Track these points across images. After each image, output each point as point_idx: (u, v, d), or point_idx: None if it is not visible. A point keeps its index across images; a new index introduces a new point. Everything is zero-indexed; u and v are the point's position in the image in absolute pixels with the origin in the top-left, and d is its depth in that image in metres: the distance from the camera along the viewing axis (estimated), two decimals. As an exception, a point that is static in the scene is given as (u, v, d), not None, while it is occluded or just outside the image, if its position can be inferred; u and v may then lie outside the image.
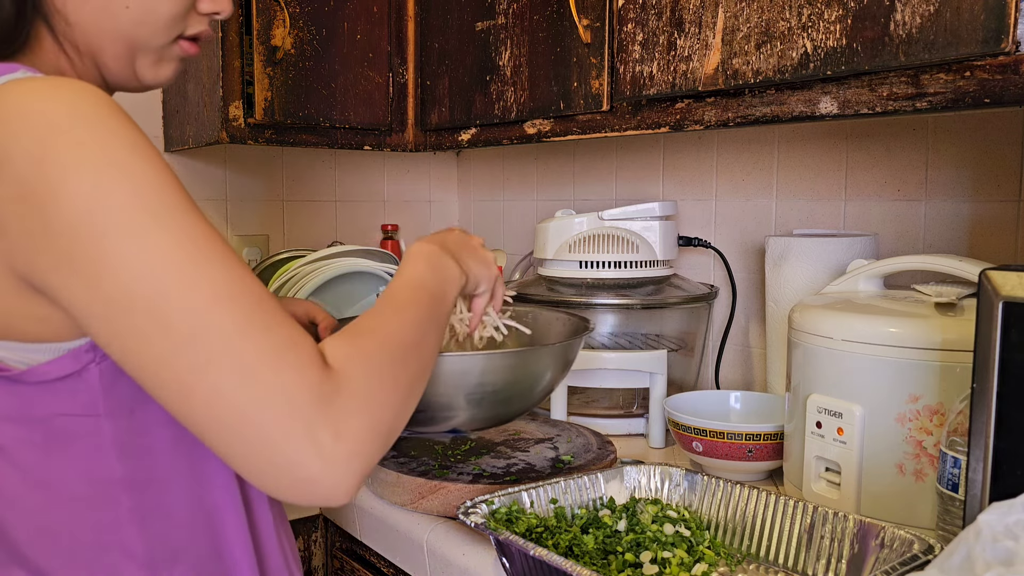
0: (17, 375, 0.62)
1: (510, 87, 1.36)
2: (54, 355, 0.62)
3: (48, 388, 0.63)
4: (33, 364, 0.62)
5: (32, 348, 0.61)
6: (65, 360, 0.62)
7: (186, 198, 0.57)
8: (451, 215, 2.16)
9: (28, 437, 0.64)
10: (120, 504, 0.66)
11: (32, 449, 0.64)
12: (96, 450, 0.65)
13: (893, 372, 0.88)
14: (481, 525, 0.80)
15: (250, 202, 1.86)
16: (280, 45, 1.45)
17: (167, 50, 0.73)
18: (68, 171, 0.53)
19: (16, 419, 0.64)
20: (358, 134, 1.59)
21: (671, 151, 1.58)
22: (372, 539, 1.07)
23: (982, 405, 0.66)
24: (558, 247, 1.40)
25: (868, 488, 0.91)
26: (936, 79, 0.83)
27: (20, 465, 0.65)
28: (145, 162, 0.56)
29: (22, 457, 0.65)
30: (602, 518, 0.87)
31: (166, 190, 0.56)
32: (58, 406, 0.63)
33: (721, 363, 1.50)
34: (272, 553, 0.77)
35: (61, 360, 0.62)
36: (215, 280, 0.55)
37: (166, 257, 0.54)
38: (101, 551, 0.66)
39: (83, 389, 0.63)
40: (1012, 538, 0.50)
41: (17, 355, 0.61)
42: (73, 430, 0.64)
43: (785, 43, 0.92)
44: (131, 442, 0.66)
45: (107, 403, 0.64)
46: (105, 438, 0.65)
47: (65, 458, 0.65)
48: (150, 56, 0.72)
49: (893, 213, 1.25)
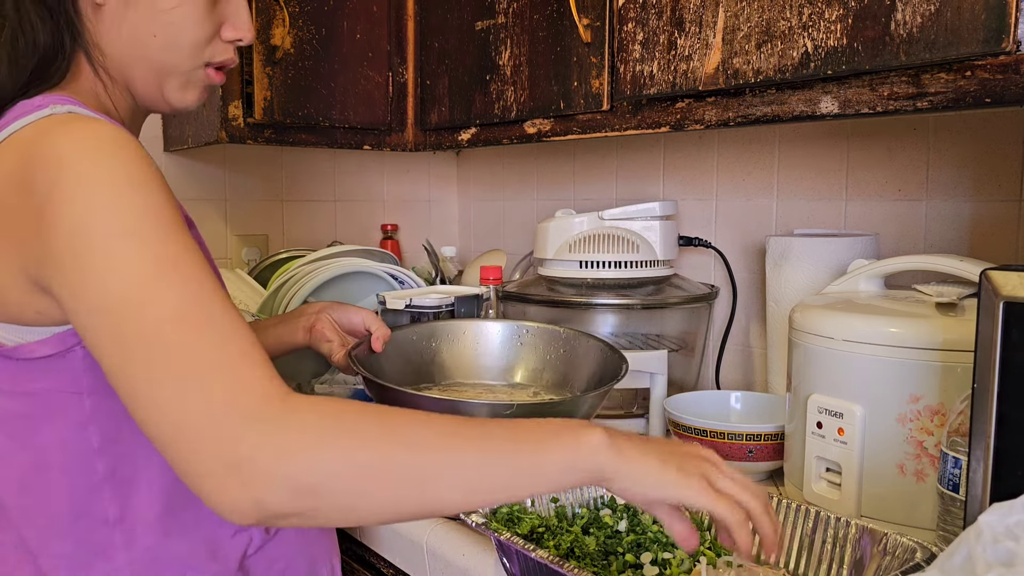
0: (8, 351, 0.71)
1: (510, 86, 1.36)
2: (43, 336, 0.70)
3: (36, 364, 0.71)
4: (23, 343, 0.70)
5: (25, 330, 0.70)
6: (52, 341, 0.70)
7: (170, 224, 0.63)
8: (451, 215, 2.16)
9: (18, 408, 0.73)
10: (95, 472, 0.73)
11: (20, 419, 0.73)
12: (78, 423, 0.73)
13: (894, 372, 0.88)
14: (482, 525, 0.80)
15: (249, 202, 1.86)
16: (280, 44, 1.45)
17: (193, 75, 0.81)
18: (67, 198, 0.62)
19: (7, 391, 0.72)
20: (358, 134, 1.59)
21: (671, 151, 1.58)
22: (372, 540, 1.07)
23: (983, 405, 0.66)
24: (558, 247, 1.40)
25: (869, 488, 0.91)
26: (937, 79, 0.83)
27: (10, 433, 0.73)
28: (134, 192, 0.63)
29: (11, 425, 0.73)
30: (603, 518, 0.87)
31: (148, 216, 0.63)
32: (44, 382, 0.72)
33: (722, 363, 1.49)
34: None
35: (49, 341, 0.70)
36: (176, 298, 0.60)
37: (134, 273, 0.60)
38: (77, 516, 0.74)
39: (67, 368, 0.71)
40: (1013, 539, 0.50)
41: (11, 335, 0.70)
42: (57, 404, 0.72)
43: (786, 42, 0.92)
44: (112, 418, 0.73)
45: (90, 381, 0.72)
46: (86, 412, 0.73)
47: (50, 428, 0.73)
48: (177, 80, 0.80)
49: (894, 213, 1.25)
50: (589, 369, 1.14)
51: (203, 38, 0.79)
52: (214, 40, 0.81)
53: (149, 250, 0.61)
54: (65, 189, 0.62)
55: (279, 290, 1.49)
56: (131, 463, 0.74)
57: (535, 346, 1.20)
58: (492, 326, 1.21)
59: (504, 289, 1.44)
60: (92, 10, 0.76)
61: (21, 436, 0.73)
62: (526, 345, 1.20)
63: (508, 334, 1.21)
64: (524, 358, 1.20)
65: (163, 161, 1.74)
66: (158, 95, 0.81)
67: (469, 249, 2.10)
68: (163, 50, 0.78)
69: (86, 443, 0.73)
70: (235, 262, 1.84)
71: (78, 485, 0.73)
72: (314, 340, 1.07)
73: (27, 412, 0.72)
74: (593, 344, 1.15)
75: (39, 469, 0.73)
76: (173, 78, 0.80)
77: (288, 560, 0.84)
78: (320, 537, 0.90)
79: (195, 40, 0.79)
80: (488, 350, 1.21)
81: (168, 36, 0.77)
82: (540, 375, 1.18)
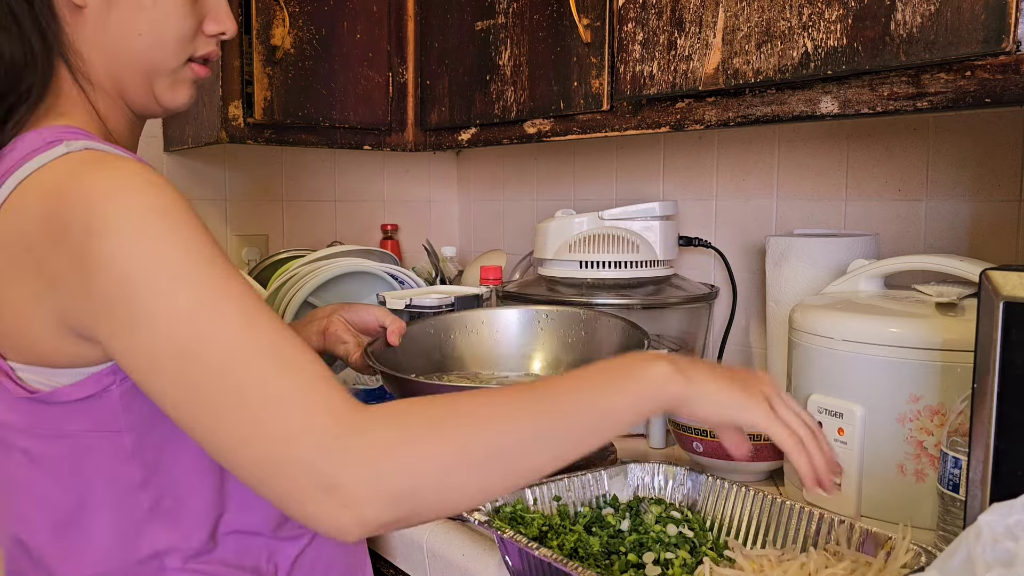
0: (44, 396, 0.69)
1: (510, 87, 1.36)
2: (77, 378, 0.68)
3: (72, 407, 0.69)
4: (57, 386, 0.68)
5: (58, 373, 0.68)
6: (87, 383, 0.68)
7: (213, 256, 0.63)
8: (451, 215, 2.16)
9: (57, 450, 0.71)
10: (140, 507, 0.72)
11: (61, 460, 0.71)
12: (119, 460, 0.71)
13: (894, 372, 0.88)
14: (484, 523, 0.80)
15: (249, 202, 1.86)
16: (280, 45, 1.45)
17: (180, 72, 0.80)
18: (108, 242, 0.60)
19: (45, 435, 0.71)
20: (358, 134, 1.59)
21: (671, 151, 1.58)
22: (372, 540, 1.07)
23: (983, 405, 0.66)
24: (558, 247, 1.40)
25: (869, 488, 0.91)
26: (937, 79, 0.83)
27: (52, 474, 0.72)
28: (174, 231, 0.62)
29: (53, 467, 0.71)
30: (605, 517, 0.87)
31: (191, 253, 0.62)
32: (81, 423, 0.70)
33: (722, 363, 1.49)
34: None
35: (84, 383, 0.68)
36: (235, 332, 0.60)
37: (188, 315, 0.60)
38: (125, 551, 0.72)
39: (104, 408, 0.69)
40: (1012, 539, 0.50)
41: (44, 378, 0.69)
42: (96, 443, 0.70)
43: (786, 43, 0.92)
44: (152, 451, 0.72)
45: (127, 419, 0.70)
46: (126, 449, 0.71)
47: (92, 467, 0.71)
48: (166, 79, 0.79)
49: (894, 213, 1.25)
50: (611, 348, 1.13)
51: (187, 33, 0.78)
52: (197, 34, 0.80)
53: (198, 288, 0.61)
54: (104, 233, 0.61)
55: (279, 290, 1.49)
56: (174, 492, 0.73)
57: (555, 331, 1.18)
58: (509, 313, 1.20)
59: (504, 289, 1.44)
60: (71, 14, 0.73)
61: (64, 477, 0.72)
62: (545, 331, 1.19)
63: (526, 320, 1.20)
64: (543, 344, 1.19)
65: (163, 161, 1.74)
66: (150, 97, 0.80)
67: (469, 249, 2.10)
68: (149, 48, 0.76)
69: (129, 478, 0.72)
70: (235, 262, 1.84)
71: (124, 520, 0.72)
72: (329, 343, 1.05)
73: (67, 454, 0.71)
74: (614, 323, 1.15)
75: (82, 509, 0.72)
76: (161, 77, 0.79)
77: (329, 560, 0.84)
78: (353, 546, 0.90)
79: (180, 35, 0.78)
80: (506, 339, 1.19)
81: (153, 33, 0.76)
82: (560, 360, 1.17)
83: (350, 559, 0.87)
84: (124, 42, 0.75)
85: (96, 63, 0.75)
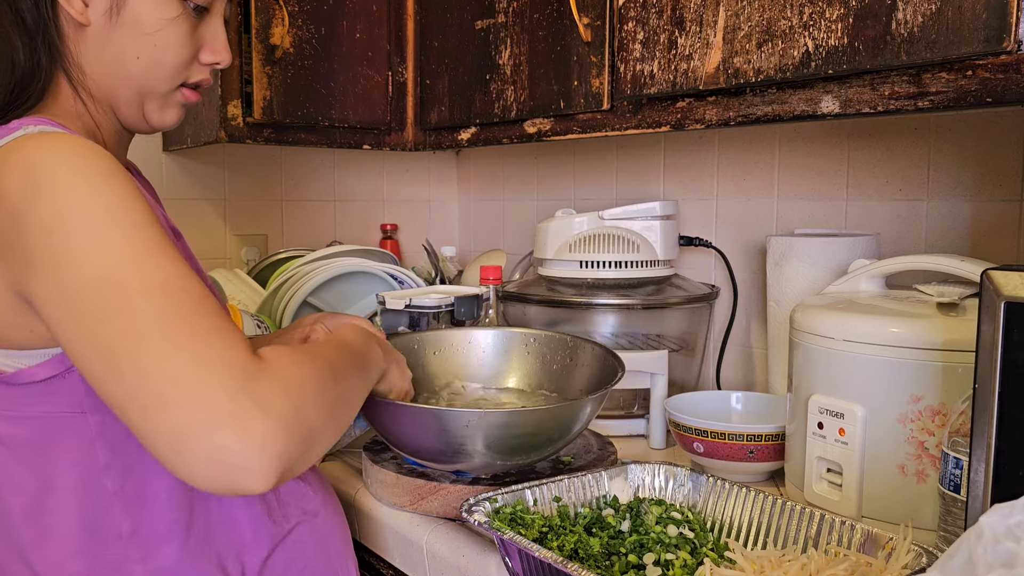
0: (9, 377, 0.71)
1: (510, 86, 1.36)
2: (40, 359, 0.71)
3: (36, 388, 0.72)
4: (21, 367, 0.71)
5: (22, 354, 0.70)
6: (51, 363, 0.71)
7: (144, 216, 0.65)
8: (451, 215, 2.15)
9: (24, 433, 0.73)
10: (105, 489, 0.74)
11: (28, 444, 0.73)
12: (84, 442, 0.73)
13: (895, 372, 0.87)
14: (484, 524, 0.80)
15: (249, 201, 1.85)
16: (279, 44, 1.45)
17: (171, 96, 0.83)
18: (41, 197, 0.63)
19: (12, 417, 0.73)
20: (357, 133, 1.59)
21: (672, 150, 1.58)
22: (371, 541, 1.06)
23: (984, 405, 0.66)
24: (558, 247, 1.40)
25: (870, 489, 0.91)
26: (938, 78, 0.83)
27: (21, 459, 0.74)
28: (107, 188, 0.65)
29: (21, 451, 0.74)
30: (606, 518, 0.87)
31: (122, 209, 0.64)
32: (47, 404, 0.72)
33: (722, 363, 1.49)
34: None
35: (47, 364, 0.71)
36: (153, 271, 0.62)
37: (111, 251, 0.62)
38: (90, 535, 0.74)
39: (68, 389, 0.72)
40: (1014, 540, 0.50)
41: (9, 360, 0.71)
42: (63, 425, 0.73)
43: (786, 42, 0.92)
44: (117, 433, 0.73)
45: (92, 400, 0.72)
46: (91, 430, 0.73)
47: (57, 450, 0.73)
48: (156, 101, 0.82)
49: (895, 213, 1.25)
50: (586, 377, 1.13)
51: (184, 61, 0.81)
52: (193, 62, 0.83)
53: (125, 238, 0.63)
54: (38, 191, 0.63)
55: (278, 290, 1.49)
56: (139, 476, 0.75)
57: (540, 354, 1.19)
58: (490, 334, 1.21)
59: (504, 289, 1.44)
60: (74, 30, 0.76)
61: (31, 461, 0.73)
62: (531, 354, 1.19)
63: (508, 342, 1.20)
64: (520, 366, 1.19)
65: (162, 161, 1.74)
66: (139, 115, 0.82)
67: (469, 249, 2.10)
68: (145, 72, 0.79)
69: (94, 460, 0.74)
70: (234, 262, 1.83)
71: (88, 503, 0.74)
72: None
73: (33, 436, 0.73)
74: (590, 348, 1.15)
75: (49, 492, 0.74)
76: (153, 99, 0.82)
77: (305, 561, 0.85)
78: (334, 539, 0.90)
79: (176, 62, 0.81)
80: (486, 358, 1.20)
81: (151, 58, 0.79)
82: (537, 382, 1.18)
83: (329, 563, 0.87)
84: (122, 63, 0.78)
85: (95, 77, 0.78)
